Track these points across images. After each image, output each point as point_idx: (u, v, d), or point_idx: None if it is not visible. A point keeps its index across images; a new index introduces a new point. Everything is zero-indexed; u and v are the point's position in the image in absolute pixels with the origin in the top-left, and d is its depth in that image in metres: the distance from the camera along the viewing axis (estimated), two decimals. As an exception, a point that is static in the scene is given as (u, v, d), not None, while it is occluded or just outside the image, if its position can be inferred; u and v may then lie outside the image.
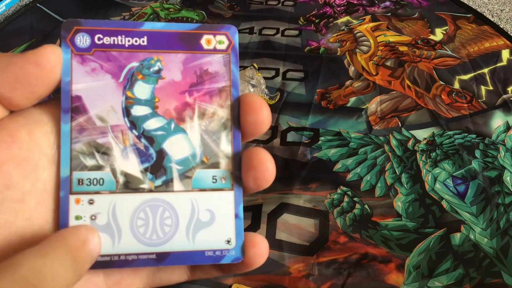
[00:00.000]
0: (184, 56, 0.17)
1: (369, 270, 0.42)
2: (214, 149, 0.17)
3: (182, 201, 0.16)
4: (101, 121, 0.16)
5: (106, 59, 0.16)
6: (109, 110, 0.16)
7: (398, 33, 0.71)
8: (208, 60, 0.17)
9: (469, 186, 0.48)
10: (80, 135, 0.16)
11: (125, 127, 0.16)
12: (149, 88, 0.17)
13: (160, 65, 0.17)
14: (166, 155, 0.16)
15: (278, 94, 0.59)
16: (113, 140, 0.16)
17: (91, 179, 0.16)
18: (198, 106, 0.17)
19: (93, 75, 0.16)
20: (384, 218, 0.46)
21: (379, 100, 0.59)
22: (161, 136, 0.16)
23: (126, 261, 0.16)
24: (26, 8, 0.75)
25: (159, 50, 0.17)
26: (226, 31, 0.17)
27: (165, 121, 0.17)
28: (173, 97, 0.17)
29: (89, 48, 0.16)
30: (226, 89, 0.17)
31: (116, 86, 0.16)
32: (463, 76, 0.63)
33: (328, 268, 0.42)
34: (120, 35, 0.16)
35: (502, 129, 0.55)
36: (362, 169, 0.51)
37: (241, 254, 0.17)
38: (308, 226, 0.45)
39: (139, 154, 0.16)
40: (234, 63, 0.17)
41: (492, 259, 0.43)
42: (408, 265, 0.42)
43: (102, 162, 0.16)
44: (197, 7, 0.75)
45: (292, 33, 0.71)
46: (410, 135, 0.54)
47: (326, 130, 0.55)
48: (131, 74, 0.16)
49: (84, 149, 0.16)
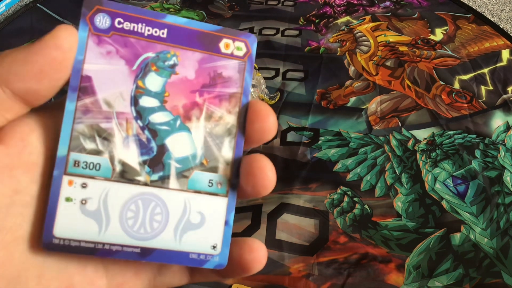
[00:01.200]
0: (201, 55, 0.17)
1: (369, 270, 0.42)
2: (215, 153, 0.17)
3: (175, 200, 0.16)
4: (107, 106, 0.16)
5: (123, 44, 0.16)
6: (118, 96, 0.16)
7: (398, 33, 0.71)
8: (224, 64, 0.17)
9: (469, 186, 0.48)
10: (84, 116, 0.15)
11: (131, 116, 0.16)
12: (161, 81, 0.16)
13: (175, 60, 0.16)
14: (167, 151, 0.16)
15: (278, 94, 0.59)
16: (116, 127, 0.16)
17: (88, 162, 0.15)
18: (206, 107, 0.17)
19: (107, 58, 0.16)
20: (384, 218, 0.46)
21: (379, 100, 0.59)
22: (165, 131, 0.16)
23: (109, 251, 0.16)
24: (26, 8, 0.75)
25: (177, 45, 0.16)
26: (246, 39, 0.17)
27: (171, 116, 0.16)
28: (183, 95, 0.16)
29: (108, 30, 0.16)
30: (236, 96, 0.17)
31: (128, 73, 0.16)
32: (463, 76, 0.63)
33: (328, 268, 0.42)
34: (141, 22, 0.16)
35: (502, 129, 0.55)
36: (362, 169, 0.51)
37: (225, 261, 0.17)
38: (308, 226, 0.45)
39: (140, 145, 0.16)
40: (249, 71, 0.17)
41: (492, 259, 0.43)
42: (408, 265, 0.42)
43: (102, 147, 0.16)
44: (197, 7, 0.75)
45: (292, 33, 0.71)
46: (410, 135, 0.54)
47: (326, 130, 0.55)
48: (145, 64, 0.16)
49: (86, 131, 0.15)
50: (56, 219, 0.15)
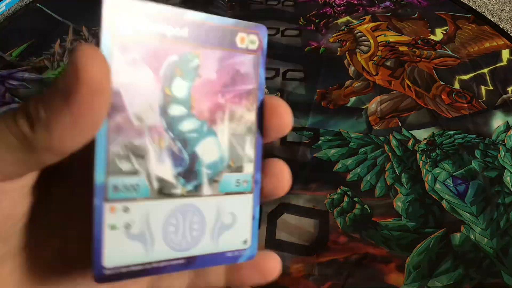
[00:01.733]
0: (220, 53, 0.16)
1: (369, 270, 0.42)
2: (240, 153, 0.17)
3: (209, 205, 0.16)
4: (138, 121, 0.14)
5: (147, 49, 0.14)
6: (147, 108, 0.15)
7: (398, 33, 0.71)
8: (241, 59, 0.16)
9: (469, 186, 0.48)
10: (116, 136, 0.14)
11: (161, 127, 0.15)
12: (187, 85, 0.15)
13: (198, 61, 0.15)
14: (198, 159, 0.16)
15: (278, 94, 0.59)
16: (149, 142, 0.15)
17: (127, 185, 0.14)
18: (229, 108, 0.16)
19: (133, 67, 0.14)
20: (384, 218, 0.46)
21: (379, 100, 0.59)
22: (194, 139, 0.16)
23: (157, 269, 0.15)
24: (26, 8, 0.75)
25: (198, 43, 0.15)
26: (258, 31, 0.17)
27: (199, 122, 0.16)
28: (207, 97, 0.16)
29: (131, 34, 0.14)
30: (253, 92, 0.17)
31: (155, 82, 0.15)
32: (463, 76, 0.63)
33: (328, 268, 0.42)
34: (163, 22, 0.14)
35: (502, 129, 0.55)
36: (362, 169, 0.51)
37: (255, 252, 0.17)
38: (308, 226, 0.45)
39: (173, 157, 0.15)
40: (262, 65, 0.17)
41: (492, 259, 0.43)
42: (408, 265, 0.42)
43: (138, 166, 0.15)
44: (197, 8, 0.75)
45: (292, 33, 0.71)
46: (410, 135, 0.54)
47: (326, 130, 0.55)
48: (170, 69, 0.15)
49: (121, 152, 0.14)
50: (104, 250, 0.14)
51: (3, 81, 0.61)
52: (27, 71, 0.63)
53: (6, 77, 0.61)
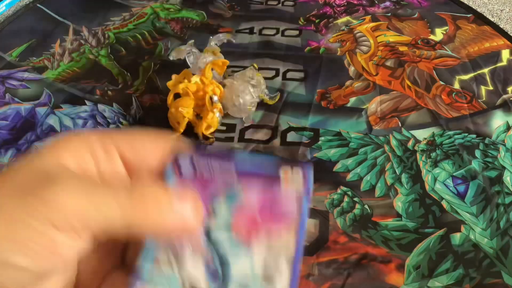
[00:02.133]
0: (263, 184, 0.18)
1: (369, 270, 0.42)
2: (273, 274, 0.17)
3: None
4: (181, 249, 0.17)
5: (199, 187, 0.17)
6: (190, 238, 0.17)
7: (398, 33, 0.71)
8: (283, 192, 0.18)
9: (469, 186, 0.48)
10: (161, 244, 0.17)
11: (205, 251, 0.17)
12: (228, 212, 0.17)
13: (241, 192, 0.17)
14: (230, 279, 0.17)
15: (278, 94, 0.59)
16: (189, 252, 0.17)
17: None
18: (266, 232, 0.17)
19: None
20: (384, 218, 0.46)
21: (379, 100, 0.59)
22: (232, 259, 0.17)
23: None
24: (26, 8, 0.75)
25: (242, 176, 0.17)
26: (302, 168, 0.18)
27: (239, 244, 0.17)
28: (246, 221, 0.17)
29: (190, 175, 0.17)
30: (294, 223, 0.18)
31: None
32: (463, 76, 0.63)
33: (328, 268, 0.42)
34: (214, 164, 0.17)
35: (502, 129, 0.55)
36: (362, 169, 0.51)
37: None
38: (308, 226, 0.45)
39: (213, 277, 0.17)
40: (306, 200, 0.18)
41: (492, 259, 0.43)
42: (408, 265, 0.42)
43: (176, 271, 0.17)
44: (197, 7, 0.75)
45: (292, 33, 0.71)
46: (410, 135, 0.54)
47: (326, 130, 0.55)
48: (215, 200, 0.17)
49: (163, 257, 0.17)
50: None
51: (3, 81, 0.61)
52: (27, 71, 0.63)
53: (6, 77, 0.61)
